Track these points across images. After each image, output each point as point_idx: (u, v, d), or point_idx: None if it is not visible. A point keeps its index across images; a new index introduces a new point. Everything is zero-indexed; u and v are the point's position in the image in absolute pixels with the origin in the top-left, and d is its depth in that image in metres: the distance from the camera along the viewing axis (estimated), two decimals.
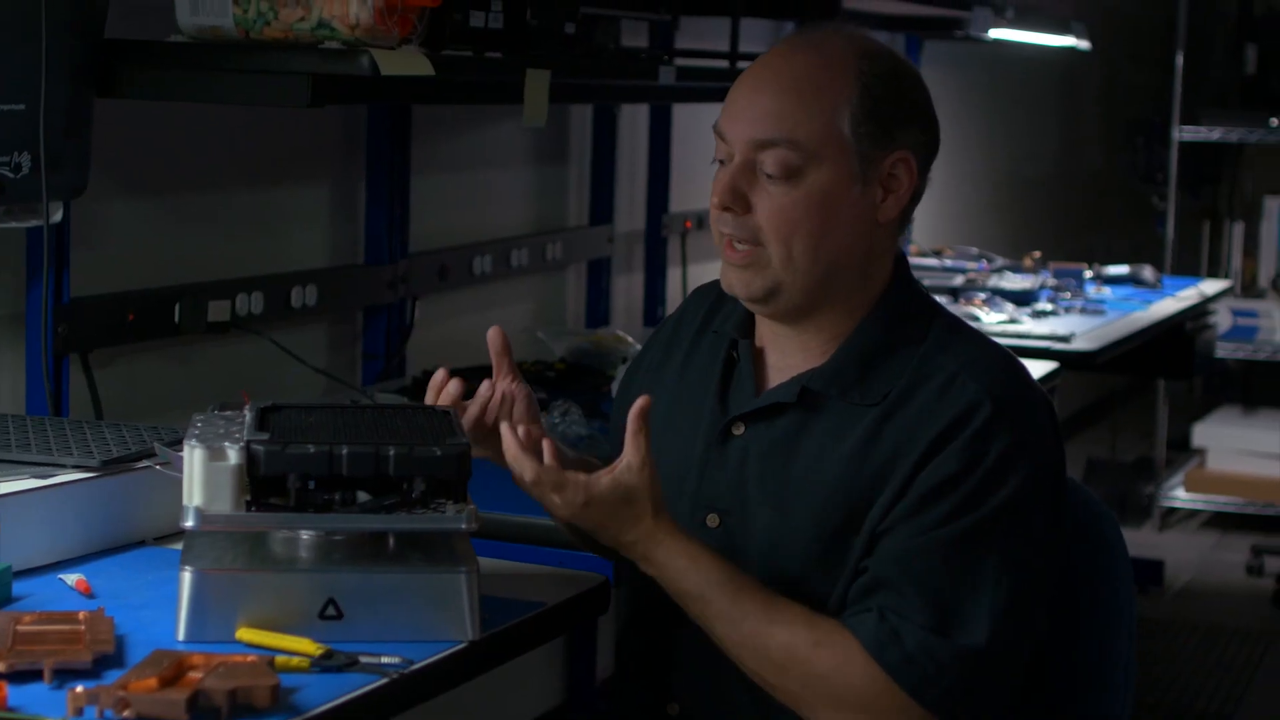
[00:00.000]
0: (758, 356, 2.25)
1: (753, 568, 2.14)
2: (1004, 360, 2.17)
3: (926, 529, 2.06)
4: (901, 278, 2.23)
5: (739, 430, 2.21)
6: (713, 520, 2.20)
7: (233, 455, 2.01)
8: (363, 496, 2.05)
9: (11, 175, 2.59)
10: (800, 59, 2.16)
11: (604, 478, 2.06)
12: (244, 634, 1.98)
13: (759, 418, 2.20)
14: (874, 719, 2.05)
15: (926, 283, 2.63)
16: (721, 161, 2.18)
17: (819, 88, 2.13)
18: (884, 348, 2.17)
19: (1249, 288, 7.42)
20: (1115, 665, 2.32)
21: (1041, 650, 2.17)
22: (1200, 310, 5.62)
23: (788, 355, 2.22)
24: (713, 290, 2.37)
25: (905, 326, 2.19)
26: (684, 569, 2.10)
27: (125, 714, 1.74)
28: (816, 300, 2.17)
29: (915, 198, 2.20)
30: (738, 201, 2.14)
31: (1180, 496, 7.09)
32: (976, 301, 4.80)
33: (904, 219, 2.22)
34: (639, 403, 2.07)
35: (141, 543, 2.38)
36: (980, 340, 2.21)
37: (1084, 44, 6.58)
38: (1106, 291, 5.51)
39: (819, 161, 2.12)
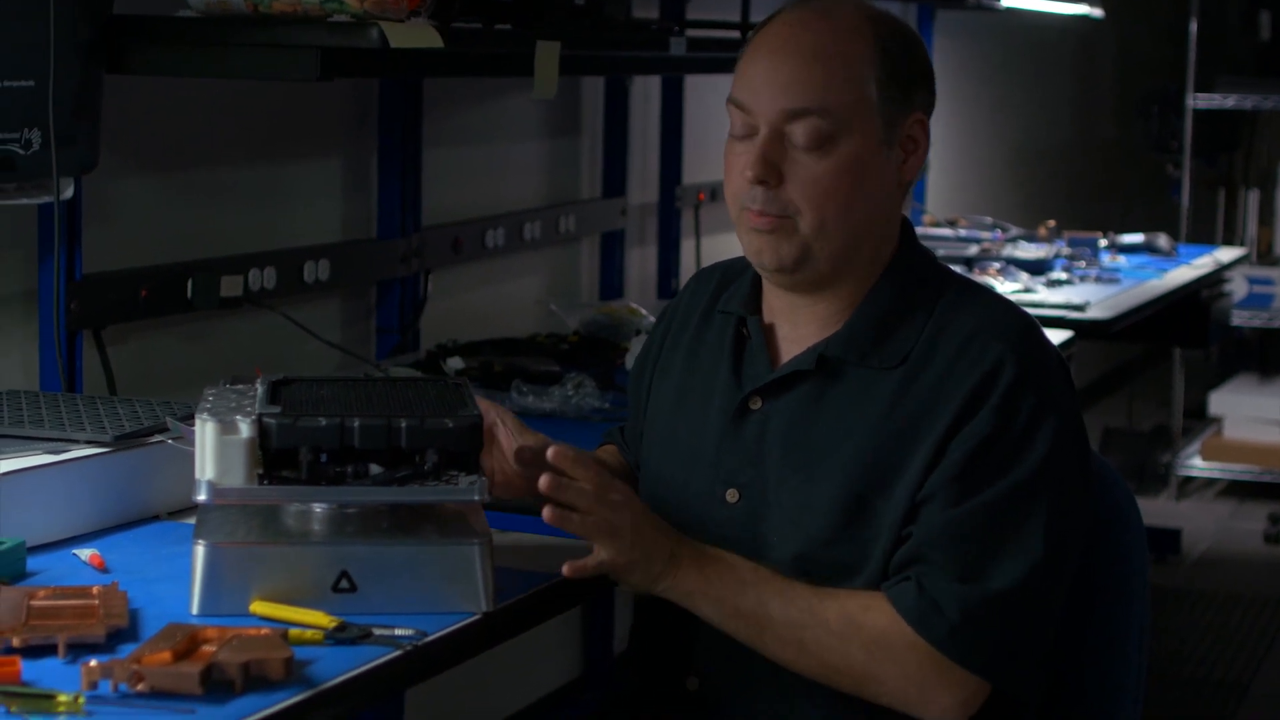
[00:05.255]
0: (768, 332, 2.25)
1: (777, 539, 2.15)
2: (1019, 317, 2.18)
3: (965, 496, 2.06)
4: (909, 240, 2.24)
5: (756, 405, 2.20)
6: (732, 495, 2.20)
7: (244, 429, 2.01)
8: (375, 469, 2.05)
9: (22, 152, 2.59)
10: (817, 27, 2.15)
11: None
12: (257, 607, 1.98)
13: (776, 390, 2.19)
14: (934, 687, 2.06)
15: (941, 253, 2.64)
16: (739, 136, 2.16)
17: (844, 54, 2.13)
18: (899, 310, 2.18)
19: (1265, 255, 7.40)
20: (1129, 634, 2.31)
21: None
22: (1216, 278, 5.61)
23: (801, 326, 2.22)
24: (714, 274, 2.38)
25: (918, 288, 2.20)
26: (736, 560, 2.12)
27: (139, 687, 1.74)
28: (840, 268, 2.17)
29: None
30: (771, 174, 2.12)
31: (1197, 465, 7.07)
32: (991, 271, 4.79)
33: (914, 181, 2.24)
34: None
35: (155, 517, 2.38)
36: (993, 298, 2.22)
37: (1097, 12, 6.56)
38: (1121, 260, 5.49)
39: (850, 129, 2.12)
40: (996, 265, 4.85)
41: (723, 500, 2.20)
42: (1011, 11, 6.04)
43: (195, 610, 1.99)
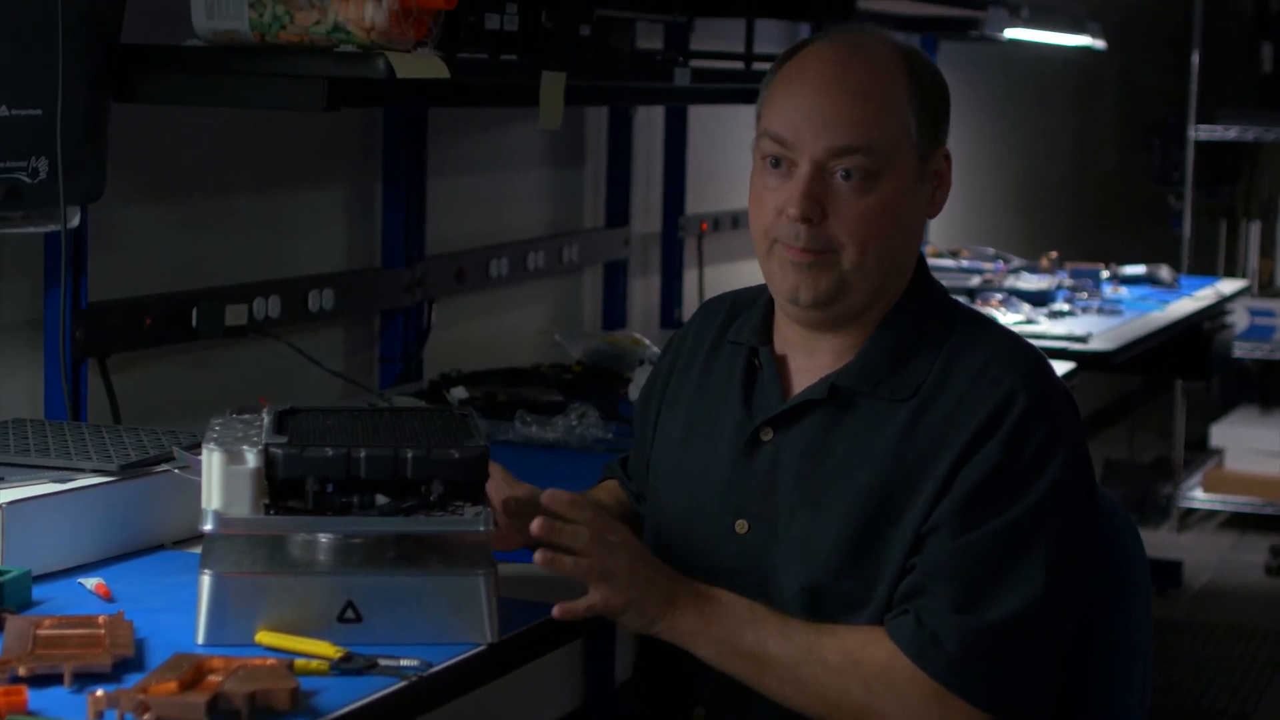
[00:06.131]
0: (780, 363, 2.24)
1: (786, 569, 2.15)
2: (1029, 351, 2.19)
3: (971, 526, 2.06)
4: (921, 273, 2.24)
5: (768, 436, 2.20)
6: (741, 526, 2.19)
7: (251, 459, 2.01)
8: (381, 499, 2.05)
9: (29, 180, 2.60)
10: (857, 62, 2.14)
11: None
12: (263, 637, 1.98)
13: (788, 421, 2.19)
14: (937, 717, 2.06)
15: (944, 283, 2.64)
16: (774, 162, 2.15)
17: (885, 91, 2.13)
18: (911, 342, 2.17)
19: (1266, 287, 7.41)
20: (1132, 666, 2.31)
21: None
22: (1217, 310, 5.61)
23: (817, 357, 2.21)
24: (723, 304, 2.37)
25: (930, 320, 2.20)
26: (733, 599, 2.12)
27: (145, 717, 1.74)
28: (871, 301, 2.18)
29: None
30: (815, 211, 2.12)
31: (1198, 497, 7.07)
32: (993, 302, 4.80)
33: None
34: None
35: (160, 546, 2.38)
36: (1004, 332, 2.22)
37: (1099, 43, 6.58)
38: (1123, 291, 5.50)
39: (891, 164, 2.13)
40: (999, 296, 4.86)
41: (731, 531, 2.19)
42: (1014, 43, 6.05)
43: (201, 640, 1.99)
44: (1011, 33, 5.74)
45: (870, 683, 2.07)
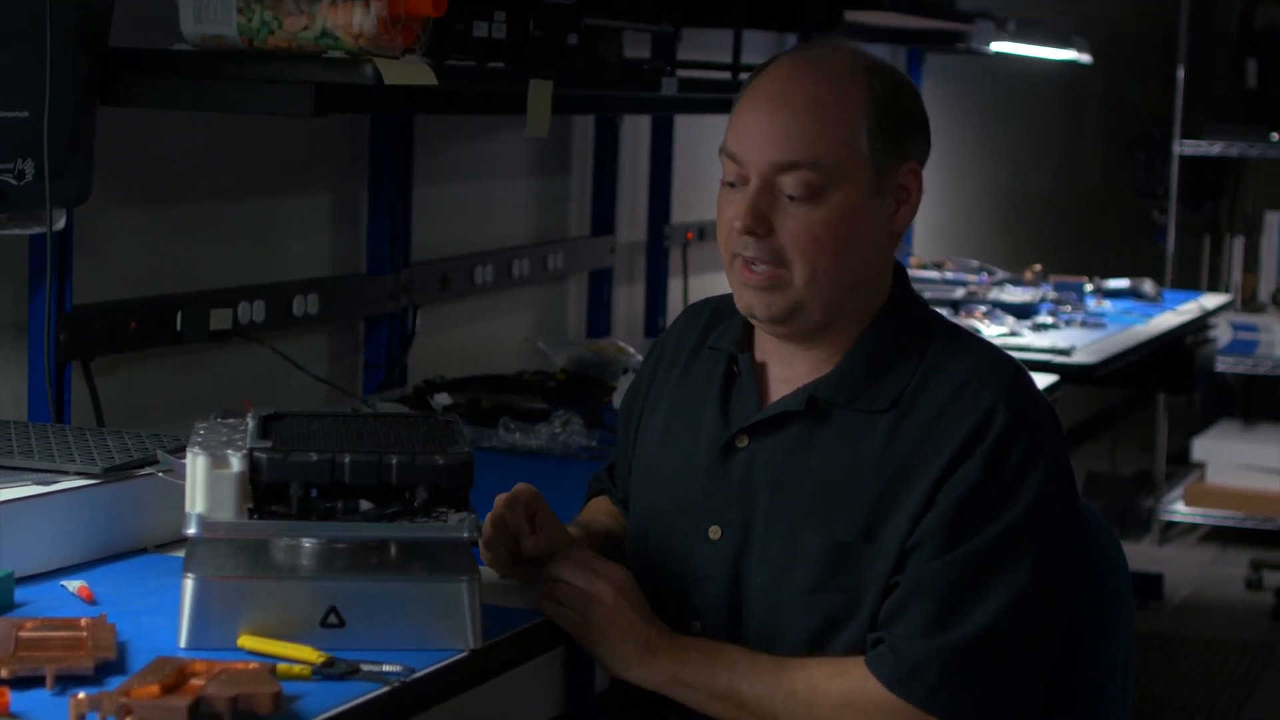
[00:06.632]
0: (759, 370, 2.25)
1: (761, 579, 2.16)
2: (1010, 365, 2.19)
3: (951, 545, 2.07)
4: (901, 286, 2.24)
5: (743, 443, 2.21)
6: (715, 532, 2.20)
7: (235, 463, 2.02)
8: (365, 505, 2.05)
9: (15, 183, 2.59)
10: (812, 78, 2.15)
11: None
12: (246, 641, 1.98)
13: (764, 430, 2.19)
14: None
15: (927, 295, 2.65)
16: (731, 184, 2.17)
17: (835, 107, 2.13)
18: (889, 355, 2.18)
19: (1249, 302, 7.42)
20: (1113, 678, 2.32)
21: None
22: (1200, 324, 5.62)
23: (793, 368, 2.22)
24: (705, 309, 2.38)
25: (909, 334, 2.20)
26: (707, 646, 2.15)
27: None
28: (833, 316, 2.17)
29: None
30: (760, 224, 2.13)
31: (1180, 510, 7.08)
32: (977, 314, 4.80)
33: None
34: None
35: (143, 550, 2.38)
36: (984, 346, 2.22)
37: (1085, 58, 6.59)
38: (1107, 305, 5.50)
39: (840, 180, 2.12)
40: (982, 308, 4.86)
41: (705, 537, 2.20)
42: (1000, 56, 6.07)
43: (183, 643, 1.99)
44: (998, 46, 5.75)
45: (840, 711, 2.08)
